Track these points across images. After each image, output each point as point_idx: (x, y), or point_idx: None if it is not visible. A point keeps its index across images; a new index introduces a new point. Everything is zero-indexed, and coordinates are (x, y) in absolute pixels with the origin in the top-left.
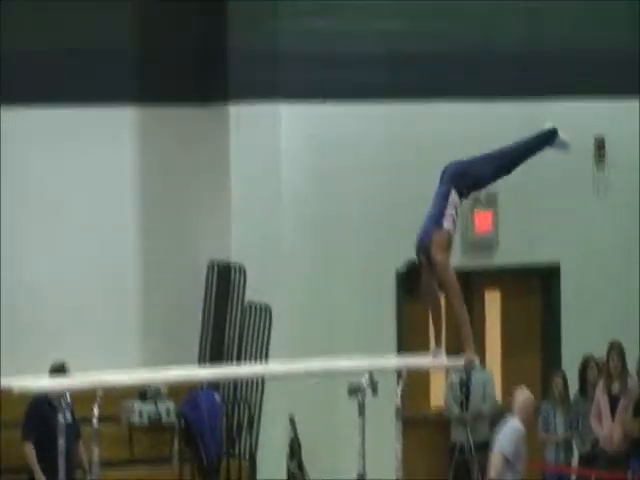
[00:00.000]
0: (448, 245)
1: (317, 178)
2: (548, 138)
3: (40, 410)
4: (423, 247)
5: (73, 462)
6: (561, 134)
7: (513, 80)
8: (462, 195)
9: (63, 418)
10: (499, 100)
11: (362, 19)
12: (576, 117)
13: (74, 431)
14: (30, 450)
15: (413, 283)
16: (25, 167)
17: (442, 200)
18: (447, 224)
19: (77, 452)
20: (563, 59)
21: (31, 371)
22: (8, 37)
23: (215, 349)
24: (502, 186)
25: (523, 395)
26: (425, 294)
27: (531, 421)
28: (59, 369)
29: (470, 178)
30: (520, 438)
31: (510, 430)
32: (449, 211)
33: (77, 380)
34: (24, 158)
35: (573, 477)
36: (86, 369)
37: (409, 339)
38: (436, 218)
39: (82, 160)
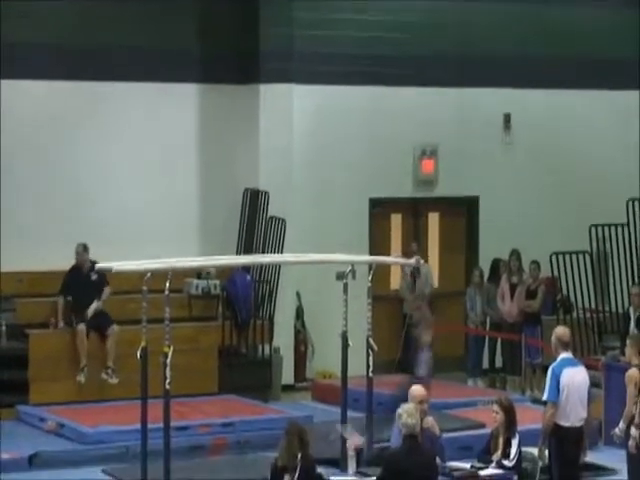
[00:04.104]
0: None
1: (317, 133)
2: None
3: (72, 276)
4: None
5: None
6: None
7: (452, 74)
8: None
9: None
10: (442, 87)
11: (347, 29)
12: (493, 100)
13: (98, 287)
14: (60, 300)
15: None
16: (125, 121)
17: None
18: None
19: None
20: (489, 60)
21: (130, 258)
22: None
23: (248, 246)
24: (441, 142)
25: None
26: None
27: None
28: (84, 248)
29: None
30: None
31: None
32: None
33: (156, 264)
34: (123, 116)
35: (486, 338)
36: (163, 257)
37: (377, 243)
38: None
39: (162, 117)
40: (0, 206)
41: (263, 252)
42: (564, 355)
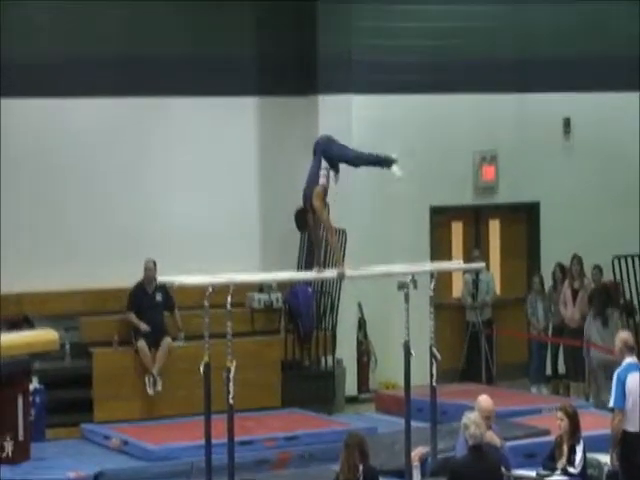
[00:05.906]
0: (324, 194)
1: (376, 142)
2: (383, 162)
3: (138, 293)
4: (307, 198)
5: (161, 325)
6: (395, 168)
7: (510, 79)
8: (331, 162)
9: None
10: (500, 93)
11: (405, 37)
12: (552, 104)
13: (164, 306)
14: (133, 316)
15: (301, 222)
16: (185, 136)
17: (316, 165)
18: (322, 180)
19: (172, 319)
20: (547, 64)
21: (192, 273)
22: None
23: (308, 259)
24: (501, 148)
25: None
26: (311, 229)
27: None
28: (153, 264)
29: (335, 152)
30: None
31: None
32: (322, 172)
33: (218, 278)
34: (183, 131)
35: (549, 344)
36: (224, 272)
37: (438, 251)
38: (313, 178)
39: (221, 131)
40: (63, 225)
41: (324, 263)
42: (629, 360)
